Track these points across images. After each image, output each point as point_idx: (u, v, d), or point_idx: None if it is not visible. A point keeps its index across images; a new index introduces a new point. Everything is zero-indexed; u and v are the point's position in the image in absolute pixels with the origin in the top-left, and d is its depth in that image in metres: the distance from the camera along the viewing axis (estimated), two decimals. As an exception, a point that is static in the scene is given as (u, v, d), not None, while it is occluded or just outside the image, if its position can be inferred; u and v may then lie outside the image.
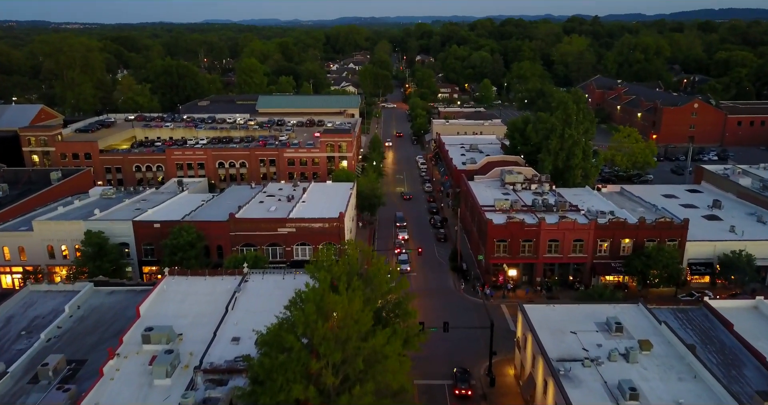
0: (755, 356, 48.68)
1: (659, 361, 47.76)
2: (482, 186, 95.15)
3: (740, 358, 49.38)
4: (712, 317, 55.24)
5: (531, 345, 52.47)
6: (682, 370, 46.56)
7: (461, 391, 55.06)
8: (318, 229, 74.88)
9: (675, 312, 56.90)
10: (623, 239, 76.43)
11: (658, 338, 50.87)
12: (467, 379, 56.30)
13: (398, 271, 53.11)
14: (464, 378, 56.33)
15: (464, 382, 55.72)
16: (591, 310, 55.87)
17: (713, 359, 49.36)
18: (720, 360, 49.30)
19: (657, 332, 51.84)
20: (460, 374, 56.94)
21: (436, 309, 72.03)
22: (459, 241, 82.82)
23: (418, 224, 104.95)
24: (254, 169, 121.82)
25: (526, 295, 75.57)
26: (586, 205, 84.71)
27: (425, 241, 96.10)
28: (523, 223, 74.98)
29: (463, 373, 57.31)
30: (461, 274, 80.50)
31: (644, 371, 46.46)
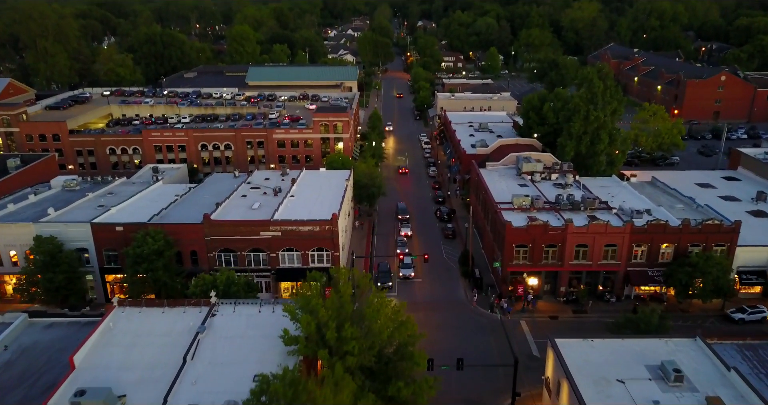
0: None
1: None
2: (496, 175, 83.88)
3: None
4: (789, 357, 44.93)
5: (567, 395, 42.27)
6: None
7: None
8: (307, 233, 64.08)
9: (741, 349, 46.57)
10: (663, 244, 65.66)
11: (729, 392, 40.60)
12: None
13: (404, 308, 42.40)
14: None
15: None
16: (639, 348, 45.48)
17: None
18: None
19: (726, 382, 41.54)
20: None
21: (444, 328, 61.78)
22: (471, 242, 72.36)
23: (423, 216, 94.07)
24: (241, 152, 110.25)
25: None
26: (616, 200, 73.66)
27: (431, 238, 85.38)
28: (547, 227, 64.10)
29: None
30: (473, 281, 70.04)
31: (717, 442, 36.38)
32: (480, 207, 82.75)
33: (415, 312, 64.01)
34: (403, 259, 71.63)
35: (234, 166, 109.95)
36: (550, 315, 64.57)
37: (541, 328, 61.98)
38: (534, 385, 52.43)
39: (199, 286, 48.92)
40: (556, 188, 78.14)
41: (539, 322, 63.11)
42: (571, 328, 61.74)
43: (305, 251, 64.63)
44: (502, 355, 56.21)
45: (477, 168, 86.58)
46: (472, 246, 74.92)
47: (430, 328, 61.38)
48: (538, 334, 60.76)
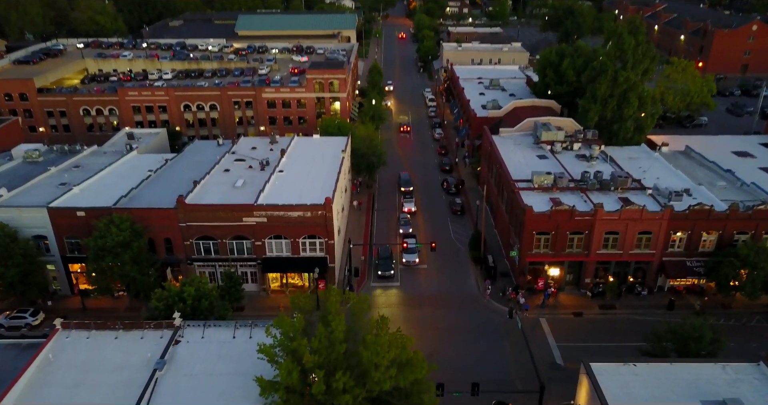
0: None
1: None
2: (511, 144, 74.53)
3: None
4: None
5: (607, 439, 35.02)
6: None
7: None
8: (297, 220, 55.57)
9: (813, 375, 38.95)
10: (706, 232, 57.28)
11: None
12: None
13: (411, 343, 34.36)
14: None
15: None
16: (691, 376, 37.88)
17: None
18: None
19: (803, 426, 34.22)
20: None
21: (452, 330, 54.18)
22: (483, 223, 63.98)
23: (428, 188, 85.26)
24: (227, 114, 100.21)
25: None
26: (649, 176, 64.76)
27: (437, 215, 76.93)
28: (574, 212, 55.51)
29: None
30: (486, 270, 62.11)
31: None
32: (493, 180, 73.87)
33: (420, 308, 56.81)
34: (407, 247, 63.51)
35: (220, 129, 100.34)
36: (573, 311, 57.02)
37: (563, 327, 54.58)
38: (556, 402, 45.36)
39: (163, 300, 40.85)
40: (580, 161, 69.01)
41: (562, 321, 55.65)
42: (599, 328, 54.37)
43: (295, 239, 56.39)
44: (520, 367, 48.96)
45: (490, 135, 77.08)
46: (485, 226, 66.59)
47: (437, 330, 54.04)
48: (560, 335, 53.42)
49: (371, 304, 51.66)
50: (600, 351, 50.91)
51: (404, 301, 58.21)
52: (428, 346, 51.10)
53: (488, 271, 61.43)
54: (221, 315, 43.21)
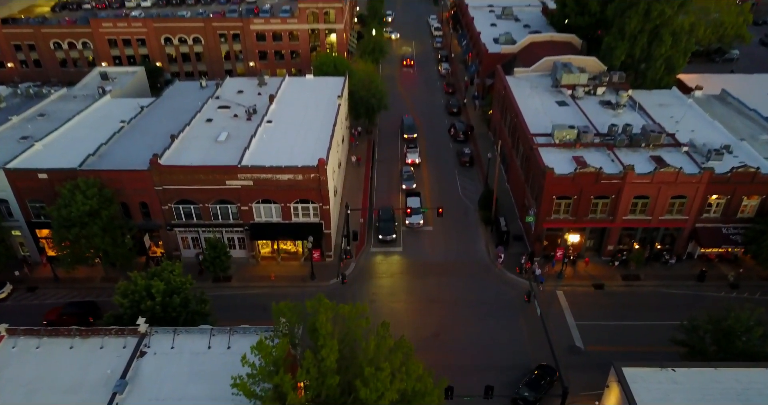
0: None
1: None
2: (527, 87, 66.58)
3: None
4: None
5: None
6: None
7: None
8: (287, 183, 49.15)
9: None
10: (747, 196, 51.03)
11: None
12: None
13: (420, 370, 28.90)
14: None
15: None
16: (739, 384, 33.05)
17: None
18: None
19: None
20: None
21: (459, 304, 49.23)
22: (496, 180, 57.40)
23: (434, 134, 77.87)
24: (213, 47, 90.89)
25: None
26: (682, 128, 57.63)
27: (444, 167, 70.23)
28: (600, 175, 48.98)
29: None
30: (498, 234, 56.47)
31: None
32: (506, 129, 66.59)
33: (424, 278, 51.79)
34: (411, 213, 57.45)
35: (207, 65, 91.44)
36: (593, 283, 51.91)
37: (583, 302, 49.67)
38: (576, 394, 41.16)
39: (128, 297, 35.19)
40: (605, 109, 61.46)
41: (581, 294, 50.68)
42: (622, 303, 49.46)
43: (286, 204, 50.31)
44: (537, 350, 44.42)
45: (504, 77, 68.87)
46: (497, 183, 60.18)
47: (443, 304, 49.18)
48: (580, 312, 48.60)
49: (371, 297, 47.23)
50: (625, 331, 46.41)
51: (407, 269, 53.08)
52: (433, 323, 46.85)
53: (500, 235, 55.78)
54: (197, 313, 37.56)
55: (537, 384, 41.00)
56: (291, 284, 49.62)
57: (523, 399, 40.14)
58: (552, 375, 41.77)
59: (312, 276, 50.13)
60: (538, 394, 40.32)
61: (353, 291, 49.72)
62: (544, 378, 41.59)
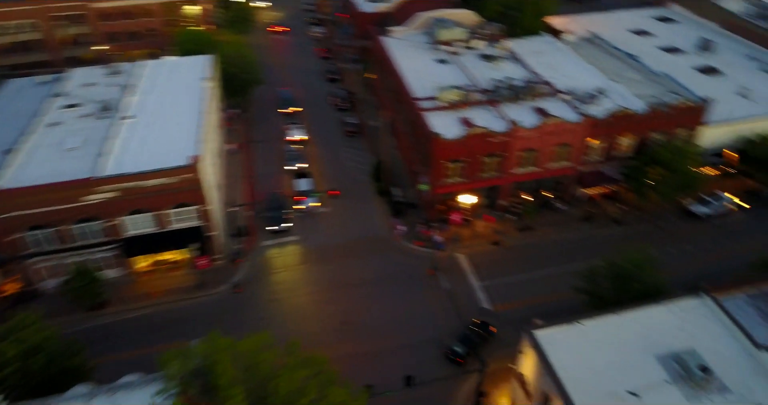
0: None
1: (787, 448, 28.16)
2: (405, 48, 64.06)
3: None
4: (812, 305, 35.51)
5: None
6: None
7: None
8: (158, 189, 43.61)
9: (754, 302, 36.35)
10: (624, 136, 52.58)
11: (766, 384, 30.75)
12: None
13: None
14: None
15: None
16: (640, 326, 33.87)
17: None
18: None
19: (759, 370, 31.49)
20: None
21: (365, 284, 47.23)
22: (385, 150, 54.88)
23: (314, 104, 73.59)
24: (51, 35, 79.42)
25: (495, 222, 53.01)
26: (559, 74, 58.17)
27: (331, 139, 66.79)
28: (488, 134, 48.09)
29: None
30: (393, 205, 54.63)
31: None
32: (389, 93, 64.06)
33: (325, 263, 49.26)
34: (306, 200, 53.90)
35: (48, 55, 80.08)
36: (491, 241, 51.85)
37: (484, 261, 49.49)
38: (491, 356, 41.06)
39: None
40: (485, 63, 60.47)
41: (481, 254, 50.44)
42: (521, 256, 49.93)
43: (161, 211, 44.92)
44: (447, 319, 43.72)
45: (380, 39, 65.82)
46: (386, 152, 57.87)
47: (349, 287, 47.01)
48: (482, 272, 48.41)
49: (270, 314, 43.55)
50: (529, 284, 47.01)
51: (306, 258, 50.03)
52: (341, 310, 44.71)
53: (395, 206, 53.97)
54: (68, 370, 32.05)
55: (469, 339, 41.19)
56: (179, 298, 44.97)
57: (454, 353, 40.31)
58: (487, 331, 41.98)
59: (201, 285, 45.75)
60: (469, 349, 40.59)
61: (251, 294, 46.06)
62: (477, 333, 41.74)
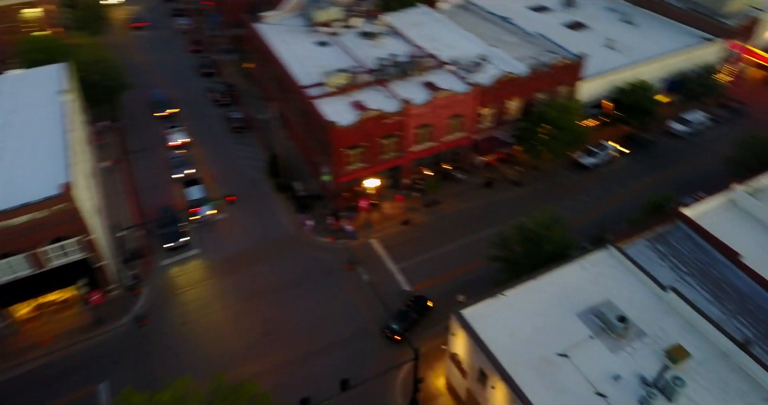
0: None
1: (706, 378, 30.08)
2: (283, 34, 60.78)
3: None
4: (701, 241, 38.23)
5: (505, 397, 30.80)
6: (741, 386, 29.71)
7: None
8: (26, 226, 38.01)
9: (654, 245, 38.59)
10: (511, 100, 53.62)
11: (676, 322, 32.70)
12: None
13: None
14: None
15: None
16: (558, 287, 34.70)
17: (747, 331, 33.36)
18: (758, 331, 33.48)
19: (668, 310, 33.36)
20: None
21: (282, 288, 44.84)
22: (278, 143, 51.97)
23: (192, 104, 68.37)
24: None
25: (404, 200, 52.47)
26: (441, 45, 58.04)
27: (216, 137, 62.53)
28: (383, 115, 46.89)
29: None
30: (297, 201, 52.32)
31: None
32: (273, 83, 60.78)
33: (235, 273, 46.50)
34: (200, 211, 49.96)
35: None
36: (401, 221, 51.32)
37: (397, 243, 48.86)
38: (420, 337, 40.83)
39: None
40: (367, 41, 58.88)
41: (393, 236, 49.77)
42: (432, 232, 49.89)
43: (35, 250, 39.40)
44: (371, 310, 42.73)
45: (253, 26, 62.02)
46: (279, 146, 54.99)
47: (266, 295, 44.53)
48: (397, 254, 47.81)
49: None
50: (444, 259, 47.26)
51: (213, 271, 46.59)
52: (260, 320, 42.59)
53: (299, 201, 51.72)
54: None
55: (405, 315, 40.89)
56: (75, 341, 40.00)
57: (391, 330, 40.05)
58: (423, 305, 41.85)
59: (99, 321, 41.16)
60: (406, 325, 40.41)
61: (158, 322, 42.07)
62: (414, 309, 41.46)
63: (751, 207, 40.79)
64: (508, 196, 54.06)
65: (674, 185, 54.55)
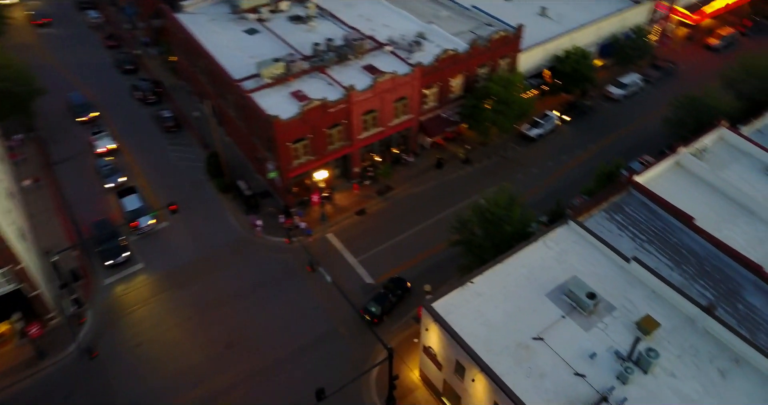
0: (752, 269, 34.67)
1: (677, 346, 30.59)
2: (207, 24, 56.99)
3: (730, 277, 35.05)
4: (655, 207, 38.73)
5: (485, 388, 30.32)
6: (711, 350, 30.43)
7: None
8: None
9: (611, 215, 38.81)
10: (454, 78, 52.52)
11: (642, 293, 33.06)
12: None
13: None
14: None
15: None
16: (525, 269, 34.29)
17: (708, 294, 34.19)
18: (718, 292, 34.34)
19: (633, 281, 33.66)
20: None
21: (240, 295, 42.74)
22: (217, 141, 48.89)
23: (116, 105, 63.38)
24: None
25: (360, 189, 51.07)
26: (376, 25, 56.07)
27: (147, 139, 58.37)
28: (327, 104, 44.72)
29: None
30: (244, 200, 49.71)
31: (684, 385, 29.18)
32: (203, 77, 57.01)
33: (187, 286, 44.14)
34: (138, 225, 46.46)
35: None
36: (355, 211, 49.86)
37: (354, 235, 47.53)
38: (390, 330, 40.02)
39: None
40: (298, 26, 56.02)
41: (349, 228, 48.34)
42: (388, 220, 48.80)
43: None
44: (336, 309, 41.31)
45: (175, 18, 57.75)
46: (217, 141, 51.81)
47: (224, 304, 42.29)
48: (356, 246, 46.51)
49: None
50: (404, 246, 46.59)
51: (163, 285, 43.70)
52: (222, 332, 40.53)
53: (247, 201, 49.18)
54: None
55: (384, 298, 40.46)
56: (15, 379, 36.67)
57: (369, 313, 39.69)
58: (403, 287, 41.46)
59: (41, 355, 37.84)
60: (384, 308, 40.06)
61: (108, 348, 39.11)
62: (392, 291, 41.04)
63: (696, 169, 41.68)
64: (459, 175, 53.52)
65: (619, 150, 55.58)
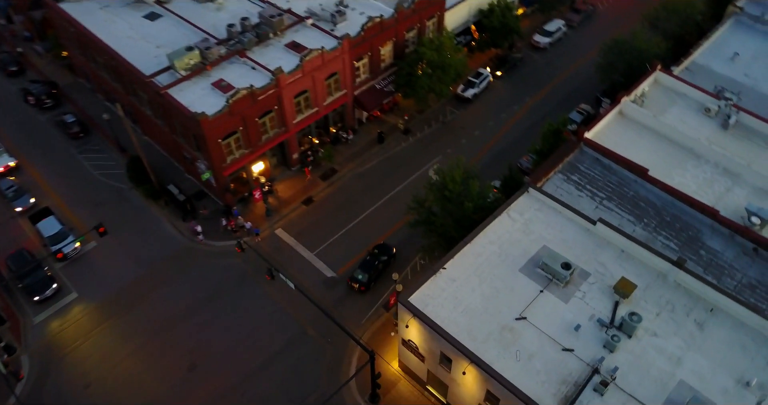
0: (707, 213, 35.14)
1: (654, 304, 30.65)
2: (99, 12, 50.48)
3: (689, 224, 35.45)
4: (608, 162, 38.32)
5: (477, 380, 29.27)
6: (686, 303, 30.74)
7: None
8: None
9: (567, 176, 38.07)
10: (384, 46, 49.56)
11: (612, 254, 32.80)
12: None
13: None
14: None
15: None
16: (493, 245, 33.11)
17: (672, 244, 34.45)
18: (680, 241, 34.65)
19: (603, 243, 33.31)
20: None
21: (194, 311, 39.49)
22: (138, 146, 43.65)
23: (6, 114, 55.32)
24: None
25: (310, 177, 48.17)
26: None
27: (53, 150, 51.95)
28: (255, 93, 40.80)
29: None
30: (178, 206, 45.46)
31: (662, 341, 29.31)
32: (104, 72, 50.88)
33: (133, 310, 40.86)
34: (63, 257, 41.20)
35: None
36: (301, 200, 46.98)
37: (304, 227, 44.88)
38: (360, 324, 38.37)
39: None
40: (205, 5, 50.66)
41: (298, 220, 45.52)
42: (336, 208, 46.36)
43: None
44: (301, 311, 38.93)
45: (55, 5, 50.70)
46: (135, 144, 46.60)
47: (178, 321, 38.98)
48: (309, 240, 43.93)
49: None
50: (358, 231, 44.60)
51: (104, 314, 39.44)
52: (181, 354, 37.47)
53: (181, 206, 45.03)
54: None
55: (371, 265, 39.97)
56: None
57: (356, 281, 38.98)
58: (389, 253, 40.57)
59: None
60: (372, 275, 39.36)
61: (54, 396, 35.19)
62: (378, 258, 40.02)
63: (639, 116, 41.55)
64: (402, 148, 51.56)
65: (555, 102, 55.16)
